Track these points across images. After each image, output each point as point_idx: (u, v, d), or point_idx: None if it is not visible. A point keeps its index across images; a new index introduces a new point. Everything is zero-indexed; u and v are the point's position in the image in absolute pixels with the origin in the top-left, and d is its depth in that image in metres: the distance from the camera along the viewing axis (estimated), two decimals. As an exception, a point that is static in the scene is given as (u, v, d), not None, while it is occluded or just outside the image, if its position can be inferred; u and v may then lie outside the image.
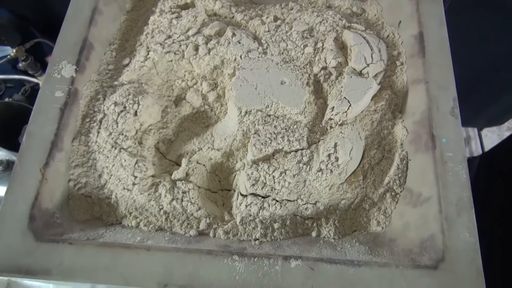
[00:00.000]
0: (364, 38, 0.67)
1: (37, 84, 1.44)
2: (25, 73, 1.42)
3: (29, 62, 1.37)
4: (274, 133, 0.61)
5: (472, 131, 2.08)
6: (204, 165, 0.63)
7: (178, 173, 0.62)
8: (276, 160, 0.60)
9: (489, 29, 1.26)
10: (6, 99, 1.33)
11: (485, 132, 2.05)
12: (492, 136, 2.06)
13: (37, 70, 1.43)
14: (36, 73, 1.44)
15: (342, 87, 0.63)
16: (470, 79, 1.53)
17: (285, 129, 0.61)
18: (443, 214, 0.55)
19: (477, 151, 2.01)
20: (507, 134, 2.03)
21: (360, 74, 0.65)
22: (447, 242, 0.53)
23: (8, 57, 1.32)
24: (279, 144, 0.60)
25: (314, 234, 0.60)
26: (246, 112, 0.62)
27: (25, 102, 1.40)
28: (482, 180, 1.43)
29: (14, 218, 0.54)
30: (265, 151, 0.60)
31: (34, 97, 1.54)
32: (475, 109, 1.74)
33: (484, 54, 1.40)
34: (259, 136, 0.61)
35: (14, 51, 1.31)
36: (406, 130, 0.64)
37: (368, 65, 0.65)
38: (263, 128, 0.61)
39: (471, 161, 1.66)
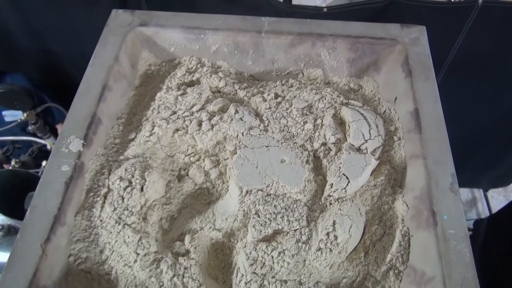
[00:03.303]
0: (362, 114, 0.70)
1: (44, 145, 1.47)
2: (33, 135, 1.46)
3: (38, 126, 1.41)
4: (274, 213, 0.61)
5: (478, 192, 2.07)
6: (205, 244, 0.63)
7: (180, 248, 0.61)
8: (275, 239, 0.60)
9: (492, 90, 1.30)
10: (13, 161, 1.35)
11: (491, 193, 2.04)
12: (499, 197, 2.05)
13: (46, 133, 1.46)
14: (45, 135, 1.47)
15: (341, 163, 0.65)
16: (474, 140, 1.54)
17: (285, 208, 0.62)
18: (448, 296, 0.54)
19: (484, 213, 1.98)
20: (513, 195, 2.02)
21: (358, 150, 0.67)
22: (454, 326, 0.52)
23: (19, 120, 1.36)
24: (278, 224, 0.60)
25: (316, 314, 0.58)
26: (247, 192, 0.63)
27: (32, 162, 1.42)
28: (492, 244, 1.40)
29: (11, 297, 0.54)
30: (265, 232, 0.60)
31: (41, 158, 1.56)
32: (480, 169, 1.74)
33: (487, 115, 1.42)
34: (259, 217, 0.61)
35: (25, 115, 1.35)
36: (407, 205, 0.64)
37: (366, 141, 0.67)
38: (263, 208, 0.61)
39: (479, 223, 1.63)
